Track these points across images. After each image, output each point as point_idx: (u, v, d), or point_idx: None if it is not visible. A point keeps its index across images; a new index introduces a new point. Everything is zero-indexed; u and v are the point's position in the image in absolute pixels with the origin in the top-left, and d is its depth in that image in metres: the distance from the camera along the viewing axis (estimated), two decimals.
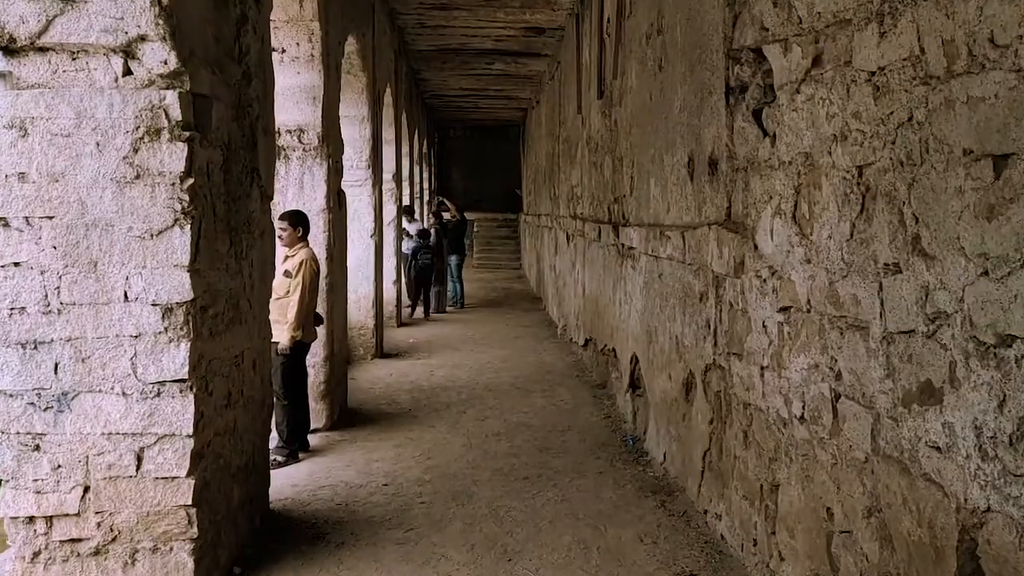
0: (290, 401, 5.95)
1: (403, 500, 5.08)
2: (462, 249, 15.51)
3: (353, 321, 9.62)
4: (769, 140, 3.64)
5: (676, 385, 5.23)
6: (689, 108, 5.03)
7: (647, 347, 6.13)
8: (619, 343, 7.42)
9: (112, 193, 3.36)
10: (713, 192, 4.51)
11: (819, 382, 3.11)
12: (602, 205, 8.60)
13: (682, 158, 5.21)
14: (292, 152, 6.53)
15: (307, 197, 6.57)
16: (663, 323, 5.62)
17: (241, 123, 4.08)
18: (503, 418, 7.23)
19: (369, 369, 9.29)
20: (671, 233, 5.28)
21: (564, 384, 8.62)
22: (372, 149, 9.58)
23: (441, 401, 7.83)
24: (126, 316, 3.40)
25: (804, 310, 3.23)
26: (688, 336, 4.94)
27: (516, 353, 10.49)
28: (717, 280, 4.36)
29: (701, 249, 4.59)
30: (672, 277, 5.35)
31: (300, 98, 6.47)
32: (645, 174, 6.42)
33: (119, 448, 3.44)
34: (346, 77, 8.94)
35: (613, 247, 7.67)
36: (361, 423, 6.99)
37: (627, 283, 7.03)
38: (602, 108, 8.64)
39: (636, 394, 6.69)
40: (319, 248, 6.57)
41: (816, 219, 3.13)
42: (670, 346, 5.41)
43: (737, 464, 4.04)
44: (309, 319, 6.04)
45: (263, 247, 4.48)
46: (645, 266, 6.26)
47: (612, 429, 6.83)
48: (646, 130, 6.40)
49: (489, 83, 17.62)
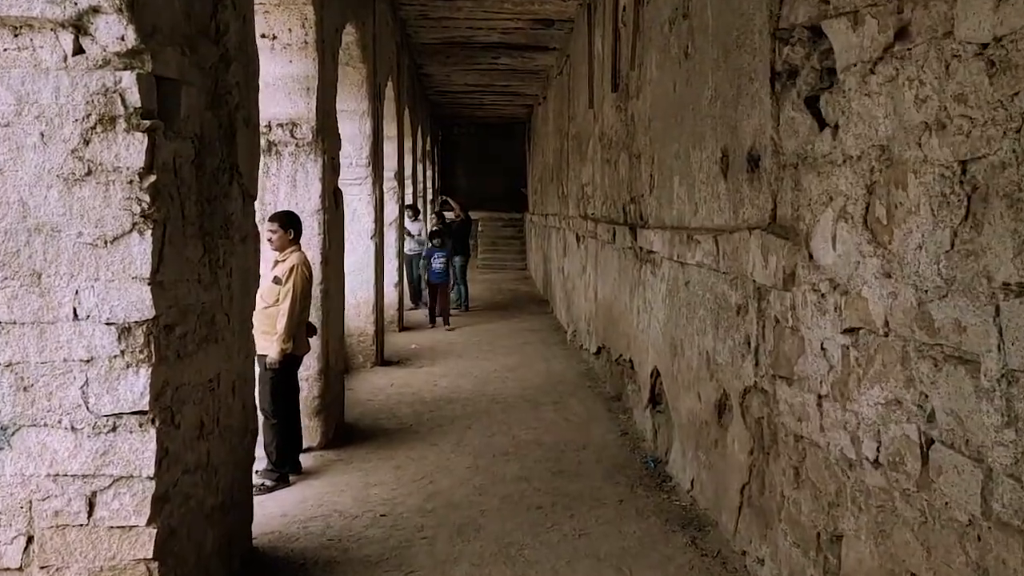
0: (279, 420, 5.44)
1: (403, 534, 4.56)
2: (466, 250, 14.95)
3: (352, 327, 9.11)
4: (830, 131, 3.12)
5: (707, 406, 4.71)
6: (723, 98, 4.50)
7: (671, 361, 5.61)
8: (637, 354, 6.89)
9: (59, 192, 2.85)
10: (753, 192, 3.99)
11: (902, 422, 2.58)
12: (617, 205, 8.08)
13: (713, 153, 4.69)
14: (284, 148, 6.01)
15: (300, 196, 6.06)
16: (690, 336, 5.09)
17: (218, 112, 3.56)
18: (511, 434, 6.71)
19: (369, 378, 8.77)
20: (701, 237, 4.76)
21: (576, 395, 8.10)
22: (372, 146, 9.06)
23: (445, 415, 7.31)
24: (76, 337, 2.89)
25: (880, 333, 2.71)
26: (722, 353, 4.41)
27: (524, 361, 9.97)
28: (759, 292, 3.84)
29: (739, 256, 4.06)
30: (702, 286, 4.83)
31: (292, 89, 5.96)
32: (667, 171, 5.90)
33: (68, 492, 2.92)
34: (344, 69, 8.42)
35: (630, 250, 7.15)
36: (359, 440, 6.47)
37: (646, 290, 6.50)
38: (617, 102, 8.11)
39: (657, 410, 6.16)
40: (313, 252, 6.06)
41: (898, 224, 2.60)
42: (699, 362, 4.88)
43: (786, 504, 3.52)
44: (301, 330, 5.52)
45: (245, 253, 3.96)
46: (668, 272, 5.74)
47: (630, 448, 6.30)
48: (669, 124, 5.87)
49: (495, 79, 17.09)
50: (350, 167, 8.96)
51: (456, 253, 14.28)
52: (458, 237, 14.40)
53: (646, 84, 6.71)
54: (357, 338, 9.18)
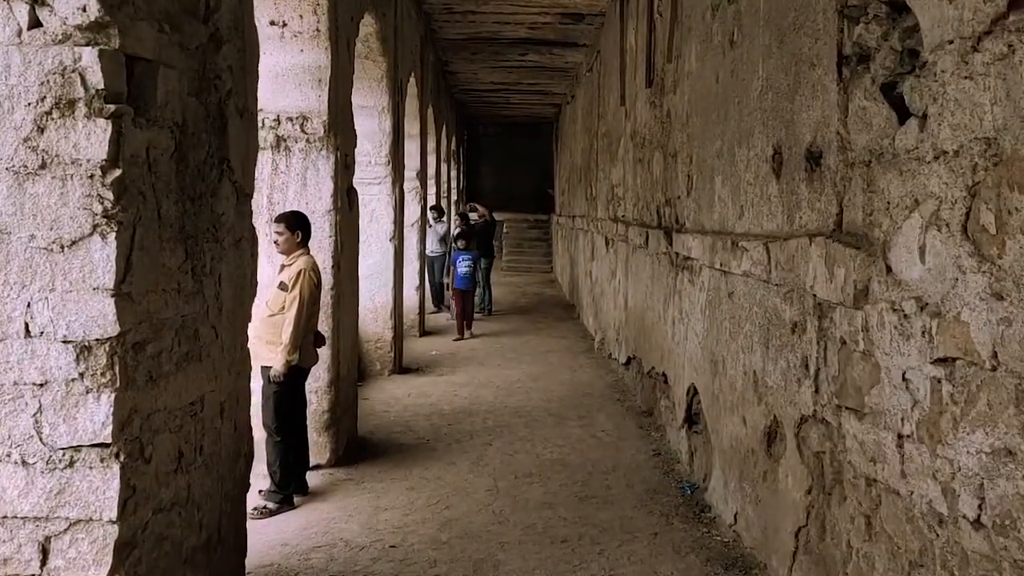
0: (284, 437, 5.03)
1: (413, 570, 4.12)
2: (491, 252, 14.50)
3: (369, 333, 8.72)
4: (916, 122, 2.63)
5: (753, 432, 4.22)
6: (775, 88, 4.02)
7: (711, 379, 5.12)
8: (671, 368, 6.40)
9: (7, 188, 2.44)
10: (813, 193, 3.50)
11: (1016, 478, 2.09)
12: (650, 207, 7.59)
13: (763, 151, 4.20)
14: (294, 143, 5.61)
15: (311, 196, 5.64)
16: (734, 353, 4.60)
17: (205, 99, 3.14)
18: (535, 452, 6.25)
19: (385, 387, 8.35)
20: (748, 244, 4.27)
21: (604, 410, 7.62)
22: (393, 144, 8.65)
23: (464, 429, 6.86)
24: (27, 357, 2.47)
25: (985, 367, 2.22)
26: (773, 374, 3.92)
27: (548, 370, 9.50)
28: (821, 308, 3.35)
29: (795, 267, 3.57)
30: (748, 298, 4.34)
31: (303, 80, 5.54)
32: (708, 171, 5.41)
33: (17, 537, 2.51)
34: (363, 62, 8.02)
35: (664, 256, 6.66)
36: (371, 456, 6.05)
37: (683, 299, 6.01)
38: (651, 97, 7.63)
39: (693, 431, 5.68)
40: (324, 255, 5.65)
41: (1012, 235, 2.11)
42: (744, 383, 4.40)
43: (854, 558, 3.03)
44: (308, 339, 5.11)
45: (239, 258, 3.55)
46: (708, 281, 5.25)
47: (664, 471, 5.82)
48: (710, 119, 5.39)
49: (522, 76, 16.65)
50: (369, 166, 8.57)
51: (480, 255, 13.86)
52: (482, 238, 13.93)
53: (684, 78, 6.22)
54: (374, 344, 8.78)
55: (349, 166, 6.20)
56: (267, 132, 5.54)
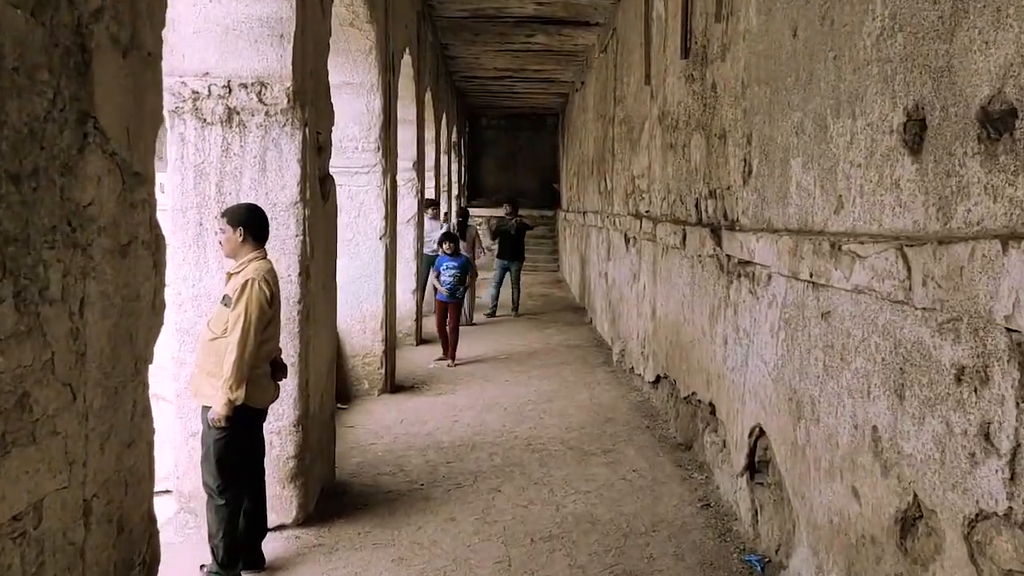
0: (229, 500, 3.83)
1: None
2: (522, 255, 13.64)
3: (356, 347, 7.53)
4: None
5: (874, 513, 3.01)
6: (912, 26, 2.81)
7: (790, 423, 3.92)
8: (722, 398, 5.20)
9: None
10: (994, 173, 2.30)
11: None
12: (686, 200, 6.39)
13: (885, 117, 3.00)
14: (249, 117, 4.40)
15: (272, 184, 4.44)
16: (834, 396, 3.40)
17: (48, 19, 1.94)
18: (554, 502, 5.05)
19: (374, 411, 7.14)
20: (861, 248, 3.06)
21: (632, 441, 6.41)
22: (384, 127, 7.45)
23: (466, 469, 5.66)
24: None
25: None
26: (914, 438, 2.72)
27: (563, 387, 8.30)
28: (1022, 350, 2.15)
29: (965, 284, 2.37)
30: (863, 323, 3.13)
31: (260, 36, 4.33)
32: (778, 152, 4.21)
33: None
34: (346, 30, 6.83)
35: (711, 259, 5.45)
36: (351, 510, 4.85)
37: (740, 314, 4.81)
38: (688, 70, 6.42)
39: (758, 482, 4.48)
40: (288, 260, 4.45)
41: None
42: (855, 439, 3.19)
43: None
44: (263, 370, 3.91)
45: (128, 272, 2.35)
46: (782, 294, 4.05)
47: (719, 532, 4.62)
48: (781, 87, 4.19)
49: (528, 62, 15.43)
50: (356, 152, 7.37)
51: (513, 259, 13.20)
52: (517, 242, 13.33)
53: (738, 39, 5.01)
54: (362, 360, 7.57)
55: (324, 148, 5.00)
56: (215, 103, 4.34)
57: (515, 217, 13.57)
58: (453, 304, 9.43)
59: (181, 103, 4.32)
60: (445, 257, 9.56)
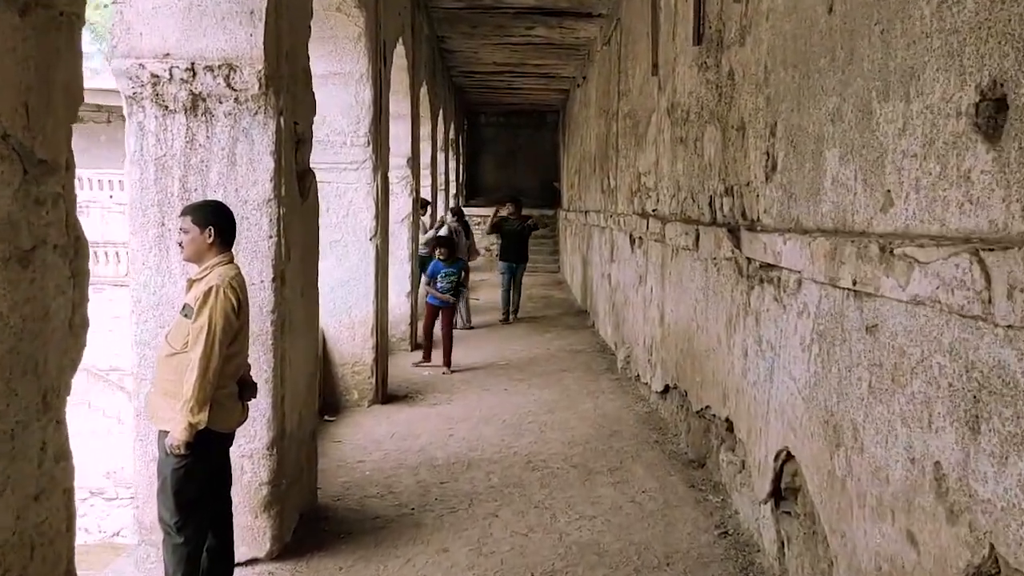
0: (188, 537, 3.36)
1: None
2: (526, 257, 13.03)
3: (344, 355, 7.07)
4: None
5: (938, 566, 2.55)
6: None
7: (826, 449, 3.45)
8: (741, 415, 4.74)
9: None
10: None
11: None
12: (698, 198, 5.93)
13: (950, 98, 2.53)
14: (217, 105, 3.93)
15: (242, 179, 3.98)
16: (882, 422, 2.94)
17: None
18: (557, 530, 4.59)
19: (363, 425, 6.68)
20: (918, 251, 2.60)
21: (640, 458, 5.95)
22: (374, 120, 6.99)
23: (461, 490, 5.20)
24: None
25: None
26: (996, 482, 2.26)
27: (565, 396, 7.83)
28: None
29: None
30: (918, 339, 2.67)
31: (227, 12, 3.87)
32: (809, 143, 3.75)
33: None
34: (333, 15, 6.38)
35: (728, 262, 4.99)
36: (332, 540, 4.39)
37: (762, 323, 4.35)
38: (700, 58, 5.96)
39: (785, 511, 4.02)
40: (261, 264, 3.99)
41: None
42: (910, 475, 2.73)
43: None
44: (230, 390, 3.44)
45: (35, 282, 1.89)
46: (815, 303, 3.59)
47: (740, 567, 4.15)
48: (813, 69, 3.73)
49: (527, 56, 14.97)
50: (344, 147, 6.92)
51: (518, 261, 12.56)
52: (521, 243, 12.69)
53: (760, 19, 4.55)
54: (351, 368, 7.11)
55: (303, 140, 4.53)
56: (177, 88, 3.88)
57: (519, 217, 12.89)
58: (446, 308, 8.99)
59: (139, 88, 3.86)
60: (440, 263, 9.09)
